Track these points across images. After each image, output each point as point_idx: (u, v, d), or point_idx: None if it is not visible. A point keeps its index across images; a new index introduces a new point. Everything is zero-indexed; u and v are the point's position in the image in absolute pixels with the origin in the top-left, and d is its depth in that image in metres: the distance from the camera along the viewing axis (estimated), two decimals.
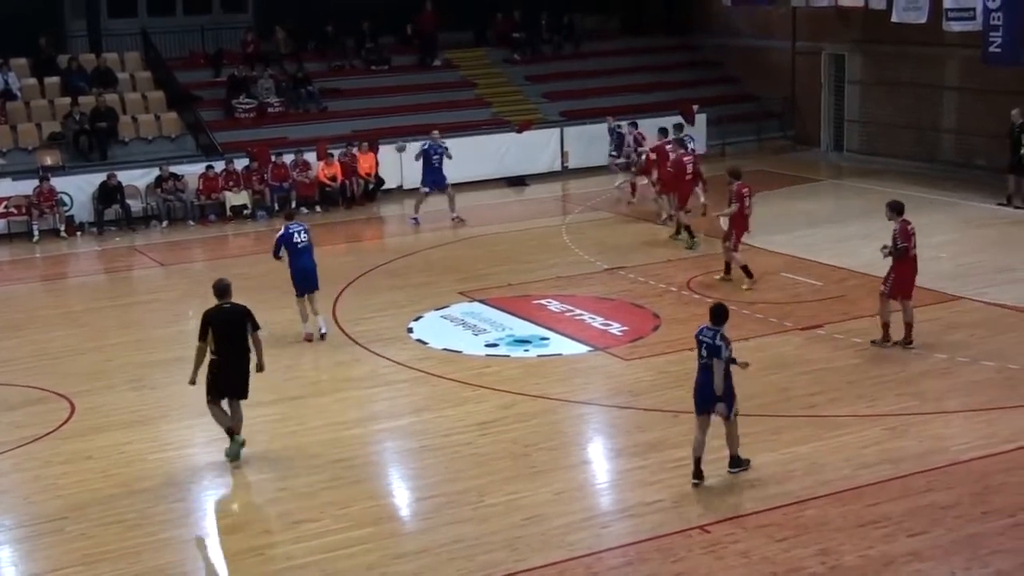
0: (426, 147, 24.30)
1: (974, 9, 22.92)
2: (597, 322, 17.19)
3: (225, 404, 12.63)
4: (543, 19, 33.89)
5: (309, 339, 16.58)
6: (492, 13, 33.67)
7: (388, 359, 15.91)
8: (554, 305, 18.10)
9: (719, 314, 11.67)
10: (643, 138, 25.21)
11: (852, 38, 29.70)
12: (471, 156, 26.91)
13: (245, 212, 25.71)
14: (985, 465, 11.88)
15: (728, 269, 18.83)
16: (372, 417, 13.98)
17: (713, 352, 11.47)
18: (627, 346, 16.12)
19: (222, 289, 12.76)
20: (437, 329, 17.21)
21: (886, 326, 15.53)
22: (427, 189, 24.28)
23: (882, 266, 15.91)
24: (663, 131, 23.62)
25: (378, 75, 31.30)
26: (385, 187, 27.18)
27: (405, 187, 27.25)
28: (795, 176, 27.90)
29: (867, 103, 29.78)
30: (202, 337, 12.43)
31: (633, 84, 32.32)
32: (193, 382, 12.67)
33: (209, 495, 12.23)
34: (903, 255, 15.29)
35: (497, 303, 18.25)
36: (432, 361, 15.79)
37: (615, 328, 16.89)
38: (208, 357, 12.48)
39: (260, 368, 12.70)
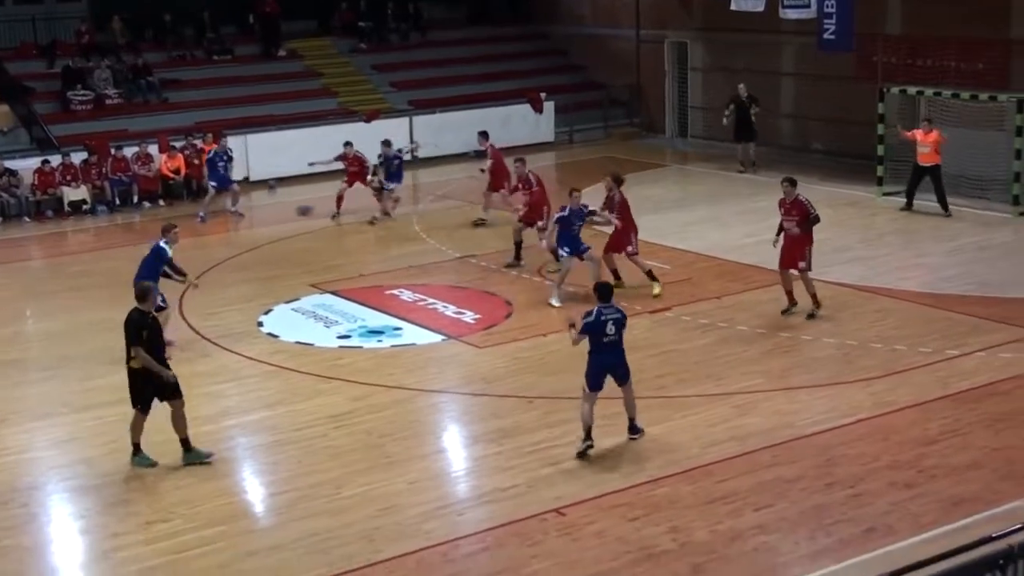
0: (211, 155, 24.68)
1: None
2: (450, 311, 17.19)
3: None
4: (389, 8, 33.70)
5: None
6: (336, 2, 33.35)
7: (238, 354, 15.64)
8: (406, 295, 18.04)
9: (608, 291, 12.19)
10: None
11: (694, 26, 30.29)
12: (318, 147, 26.57)
13: (84, 207, 24.95)
14: (827, 438, 12.28)
15: (617, 275, 17.62)
16: (223, 413, 13.70)
17: (623, 324, 12.00)
18: (480, 334, 16.16)
19: (141, 293, 12.14)
20: (288, 322, 16.98)
21: (814, 296, 16.11)
22: (215, 185, 24.44)
23: (725, 250, 16.22)
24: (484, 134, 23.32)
25: (220, 65, 30.72)
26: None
27: (252, 179, 26.90)
28: (642, 162, 28.35)
29: (710, 90, 30.42)
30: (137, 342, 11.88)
31: (481, 73, 32.38)
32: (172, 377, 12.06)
33: (53, 499, 11.83)
34: (816, 223, 16.00)
35: (349, 294, 18.11)
36: (284, 355, 15.58)
37: (468, 316, 16.92)
38: (130, 367, 12.00)
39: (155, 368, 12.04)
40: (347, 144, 24.04)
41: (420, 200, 25.24)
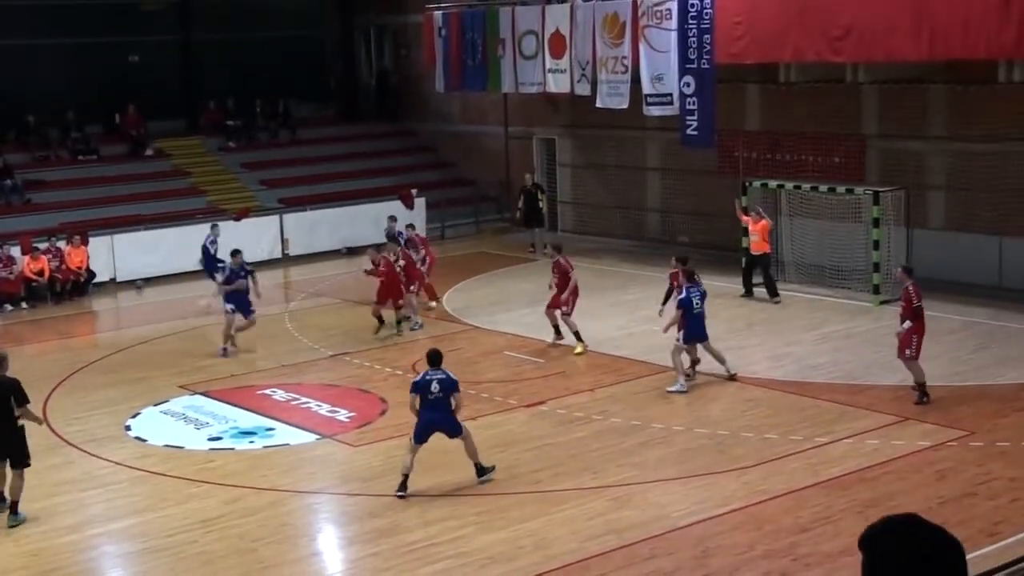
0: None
1: (671, 95, 24.22)
2: (324, 409, 16.99)
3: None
4: (257, 106, 33.67)
5: None
6: (204, 101, 33.21)
7: (104, 459, 15.19)
8: (279, 394, 17.79)
9: (438, 357, 13.61)
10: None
11: (561, 123, 30.88)
12: (186, 246, 26.28)
13: None
14: (703, 529, 12.38)
15: (558, 331, 19.67)
16: (87, 522, 13.26)
17: (452, 387, 13.37)
18: (355, 432, 15.99)
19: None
20: (157, 425, 16.59)
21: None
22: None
23: (597, 342, 16.39)
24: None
25: (86, 165, 30.22)
26: (97, 280, 26.17)
27: (118, 279, 26.36)
28: (513, 257, 28.60)
29: (578, 185, 30.95)
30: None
31: (351, 170, 32.49)
32: None
33: None
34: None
35: (220, 395, 17.78)
36: (152, 459, 15.18)
37: (342, 414, 16.74)
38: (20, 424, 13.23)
39: (39, 421, 13.81)
40: (409, 226, 24.02)
41: (292, 298, 25.00)
